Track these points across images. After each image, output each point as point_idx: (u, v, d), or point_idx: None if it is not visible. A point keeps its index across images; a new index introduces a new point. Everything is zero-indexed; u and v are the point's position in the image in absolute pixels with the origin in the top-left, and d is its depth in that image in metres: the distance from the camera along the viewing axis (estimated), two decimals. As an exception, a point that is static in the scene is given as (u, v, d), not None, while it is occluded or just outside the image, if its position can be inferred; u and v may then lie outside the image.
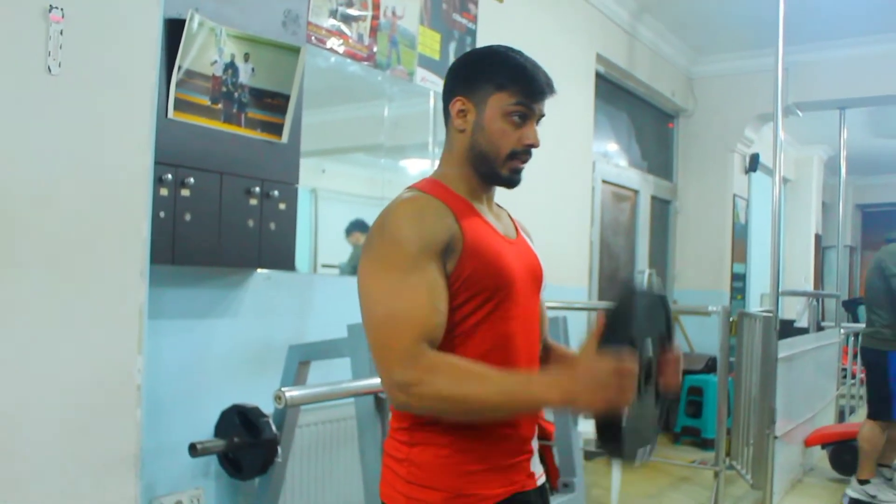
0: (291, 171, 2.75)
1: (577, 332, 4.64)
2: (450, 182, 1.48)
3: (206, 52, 2.43)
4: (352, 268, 3.38)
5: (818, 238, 10.54)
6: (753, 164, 7.11)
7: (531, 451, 1.49)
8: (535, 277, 1.52)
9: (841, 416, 6.63)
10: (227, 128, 2.52)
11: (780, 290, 4.35)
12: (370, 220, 3.78)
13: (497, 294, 1.41)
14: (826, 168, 10.53)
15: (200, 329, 2.65)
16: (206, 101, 2.46)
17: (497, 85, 1.43)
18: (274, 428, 2.36)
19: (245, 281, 2.79)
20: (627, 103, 6.26)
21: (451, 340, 1.36)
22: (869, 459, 4.42)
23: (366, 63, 3.35)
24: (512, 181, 1.47)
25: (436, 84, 3.72)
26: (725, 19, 5.92)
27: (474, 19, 4.04)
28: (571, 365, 1.26)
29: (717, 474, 3.79)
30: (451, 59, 3.84)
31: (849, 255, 7.47)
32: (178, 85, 2.37)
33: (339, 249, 3.44)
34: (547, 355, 1.61)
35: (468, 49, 3.93)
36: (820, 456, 5.37)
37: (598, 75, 5.45)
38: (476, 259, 1.38)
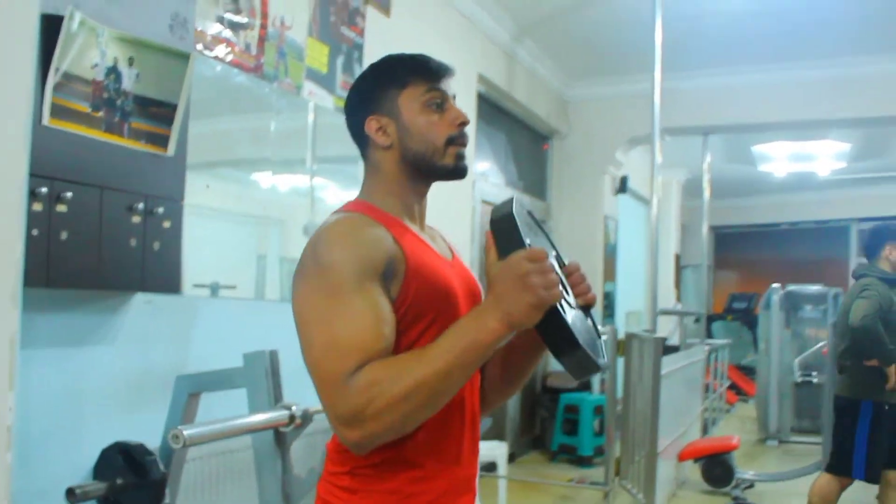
0: (177, 186, 2.56)
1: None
2: (381, 203, 1.38)
3: (86, 53, 2.21)
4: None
5: (677, 258, 11.03)
6: (623, 185, 7.34)
7: (474, 491, 1.40)
8: (475, 297, 1.44)
9: (704, 430, 6.91)
10: (108, 138, 2.30)
11: (656, 310, 4.46)
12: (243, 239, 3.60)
13: (442, 316, 1.31)
14: (683, 191, 11.04)
15: (75, 359, 2.40)
16: (85, 108, 2.23)
17: (399, 84, 1.36)
18: (161, 466, 2.15)
19: (124, 305, 2.56)
20: (505, 123, 6.31)
21: None
22: None
23: (253, 74, 3.18)
24: (459, 169, 1.39)
25: (322, 98, 3.60)
26: (599, 45, 6.08)
27: (361, 33, 3.94)
28: (488, 289, 1.16)
29: (606, 494, 3.81)
30: (339, 73, 3.72)
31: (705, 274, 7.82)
32: (54, 89, 2.14)
33: (210, 269, 3.21)
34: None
35: (355, 63, 3.83)
36: (691, 469, 5.55)
37: (479, 95, 5.46)
38: (420, 280, 1.28)
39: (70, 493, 2.06)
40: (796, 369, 6.90)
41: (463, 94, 5.14)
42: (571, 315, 1.21)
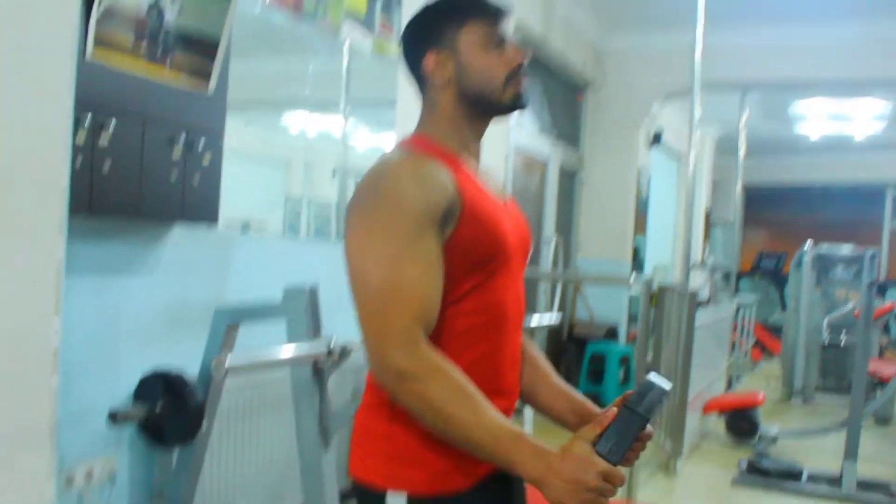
0: (218, 122, 2.57)
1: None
2: (440, 138, 1.38)
3: (130, -14, 2.22)
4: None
5: (707, 214, 10.94)
6: (657, 139, 7.26)
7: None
8: (526, 248, 1.45)
9: (729, 385, 6.92)
10: (151, 72, 2.32)
11: (689, 265, 4.45)
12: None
13: (492, 264, 1.32)
14: (716, 147, 10.90)
15: (115, 287, 2.46)
16: (128, 43, 2.25)
17: (459, 21, 1.36)
18: (199, 395, 2.21)
19: (163, 236, 2.61)
20: (540, 73, 6.24)
21: (441, 313, 1.25)
22: None
23: (292, 13, 3.17)
24: (520, 103, 1.39)
25: (360, 40, 3.58)
26: (639, -6, 5.97)
27: (400, -24, 3.90)
28: (563, 448, 1.16)
29: (631, 442, 3.85)
30: (378, 15, 3.70)
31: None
32: (98, 22, 2.15)
33: (241, 206, 3.24)
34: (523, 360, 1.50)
35: (394, 5, 3.80)
36: (714, 422, 5.59)
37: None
38: (474, 225, 1.28)
39: (112, 416, 2.12)
40: (825, 330, 6.86)
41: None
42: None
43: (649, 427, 1.21)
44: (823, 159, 11.46)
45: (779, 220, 13.47)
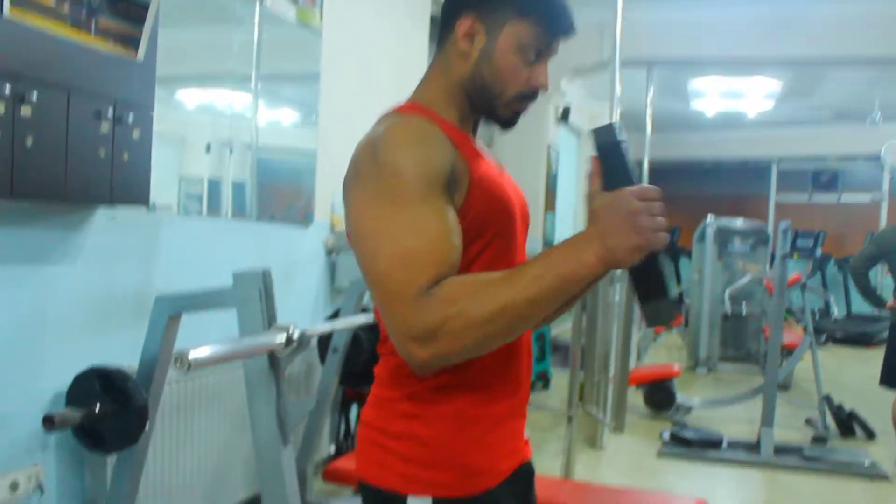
0: (147, 93, 2.35)
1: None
2: (438, 108, 1.25)
3: (51, -62, 1.98)
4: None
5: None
6: (566, 115, 7.28)
7: (526, 416, 1.33)
8: (525, 216, 1.35)
9: (637, 358, 7.07)
10: (74, 35, 2.09)
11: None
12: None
13: (502, 232, 1.22)
14: (614, 124, 11.08)
15: (37, 277, 2.22)
16: (50, 1, 2.01)
17: (519, 11, 1.21)
18: (143, 394, 2.02)
19: (87, 220, 2.38)
20: (453, 47, 6.14)
21: None
22: None
23: (216, -24, 2.95)
24: (509, 123, 1.27)
25: (286, 11, 3.38)
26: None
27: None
28: (589, 218, 1.07)
29: (570, 419, 3.84)
30: (301, -18, 3.50)
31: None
32: (15, -23, 1.91)
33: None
34: None
35: (318, -26, 3.60)
36: (633, 395, 5.68)
37: (432, 18, 5.27)
38: (483, 192, 1.18)
39: (48, 420, 1.91)
40: (727, 300, 7.08)
41: (417, 15, 4.95)
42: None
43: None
44: (715, 135, 11.84)
45: (670, 195, 13.84)
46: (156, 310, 2.15)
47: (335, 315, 3.34)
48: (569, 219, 8.90)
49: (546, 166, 7.10)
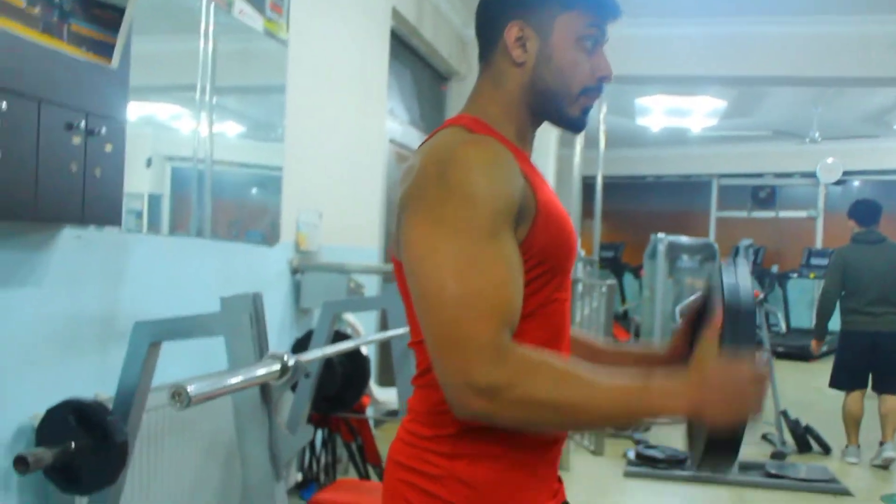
0: (120, 104, 2.20)
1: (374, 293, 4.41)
2: (497, 125, 1.17)
3: (23, -64, 1.83)
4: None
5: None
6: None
7: (560, 456, 1.25)
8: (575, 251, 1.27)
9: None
10: (46, 41, 1.93)
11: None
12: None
13: (561, 270, 1.15)
14: (559, 140, 11.14)
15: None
16: (20, 3, 1.86)
17: (564, 4, 1.15)
18: (124, 428, 1.86)
19: (53, 240, 2.21)
20: (410, 61, 6.06)
21: None
22: None
23: (185, -17, 2.81)
24: (581, 123, 1.21)
25: (253, 19, 3.24)
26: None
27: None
28: (694, 368, 1.04)
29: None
30: (268, -8, 3.37)
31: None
32: (-16, -23, 1.76)
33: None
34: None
35: (284, -17, 3.48)
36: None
37: (392, 31, 5.19)
38: (550, 226, 1.11)
39: (20, 461, 1.74)
40: (678, 316, 7.12)
41: (378, 29, 4.86)
42: None
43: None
44: (658, 152, 12.01)
45: (614, 211, 14.02)
46: (135, 336, 1.99)
47: (307, 338, 3.21)
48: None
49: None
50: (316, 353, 2.17)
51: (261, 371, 1.74)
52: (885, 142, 10.68)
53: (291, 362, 1.84)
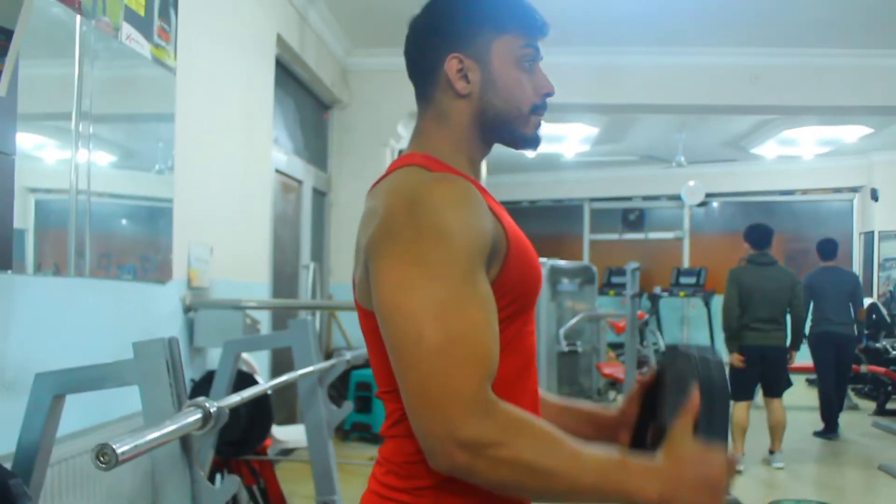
0: (8, 136, 2.04)
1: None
2: (450, 160, 1.14)
3: None
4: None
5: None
6: (403, 159, 7.25)
7: None
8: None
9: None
10: (-73, 68, 1.76)
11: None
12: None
13: (529, 304, 1.14)
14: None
15: None
16: None
17: (498, 28, 1.15)
18: (28, 492, 1.69)
19: (-68, 286, 2.00)
20: (293, 89, 5.96)
21: None
22: None
23: (70, 7, 2.63)
24: (538, 140, 1.21)
25: (141, 45, 3.09)
26: (386, 13, 5.89)
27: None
28: (669, 453, 1.02)
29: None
30: (156, 18, 3.21)
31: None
32: None
33: None
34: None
35: (171, 8, 3.33)
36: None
37: (277, 59, 5.08)
38: (521, 263, 1.09)
39: None
40: (562, 339, 7.28)
41: (264, 58, 4.75)
42: None
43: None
44: (534, 178, 12.29)
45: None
46: (36, 389, 1.81)
47: (207, 379, 3.05)
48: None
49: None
50: (234, 399, 2.05)
51: (183, 421, 1.62)
52: (743, 165, 11.35)
53: (213, 409, 1.73)
